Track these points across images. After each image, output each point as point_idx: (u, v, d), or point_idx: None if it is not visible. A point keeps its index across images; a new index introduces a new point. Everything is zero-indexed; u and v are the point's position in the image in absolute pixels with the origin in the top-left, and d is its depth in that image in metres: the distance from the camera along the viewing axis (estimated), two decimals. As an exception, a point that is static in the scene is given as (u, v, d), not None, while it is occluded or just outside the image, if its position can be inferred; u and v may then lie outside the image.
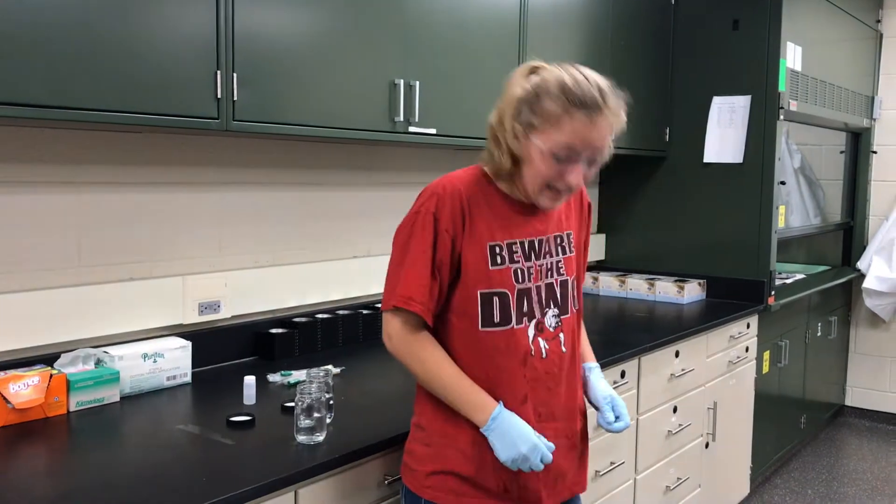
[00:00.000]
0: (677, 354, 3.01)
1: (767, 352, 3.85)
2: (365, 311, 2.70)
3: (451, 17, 2.55)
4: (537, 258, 1.65)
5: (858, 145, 5.01)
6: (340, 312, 2.67)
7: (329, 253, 2.72)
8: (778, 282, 3.80)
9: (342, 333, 2.62)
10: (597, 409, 1.78)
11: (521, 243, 1.63)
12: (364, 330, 2.67)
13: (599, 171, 1.63)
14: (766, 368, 3.84)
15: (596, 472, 2.56)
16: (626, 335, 3.01)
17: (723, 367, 3.40)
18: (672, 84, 3.86)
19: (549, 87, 1.52)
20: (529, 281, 1.63)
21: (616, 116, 1.53)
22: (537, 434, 1.56)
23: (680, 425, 3.05)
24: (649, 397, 2.85)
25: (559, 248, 1.69)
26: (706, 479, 3.31)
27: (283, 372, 2.26)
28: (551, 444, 1.58)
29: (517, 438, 1.53)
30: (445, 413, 1.61)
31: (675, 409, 3.03)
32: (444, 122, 2.51)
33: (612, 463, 2.64)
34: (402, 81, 2.35)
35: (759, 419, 3.79)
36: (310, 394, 1.72)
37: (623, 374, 2.67)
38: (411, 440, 1.69)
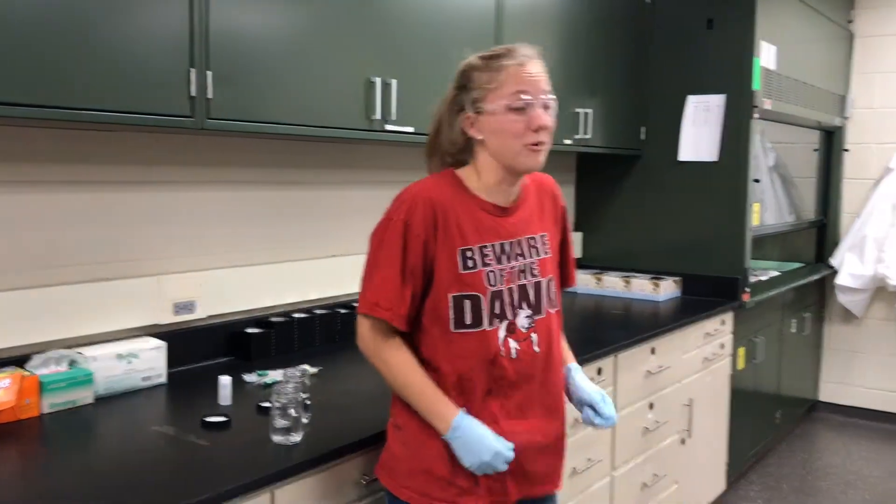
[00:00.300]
0: (653, 351, 3.03)
1: (743, 348, 3.89)
2: (343, 311, 2.69)
3: (428, 16, 2.54)
4: (509, 260, 1.66)
5: (831, 143, 5.07)
6: (318, 312, 2.65)
7: (306, 252, 2.70)
8: (752, 279, 3.84)
9: (319, 333, 2.61)
10: (585, 407, 1.80)
11: (493, 246, 1.64)
12: (342, 329, 2.66)
13: (577, 170, 1.66)
14: (741, 365, 3.88)
15: (573, 469, 2.57)
16: (602, 333, 3.03)
17: (698, 364, 3.42)
18: (647, 83, 3.88)
19: (470, 64, 1.63)
20: (502, 283, 1.64)
21: (540, 58, 1.64)
22: (497, 436, 1.59)
23: (656, 422, 3.07)
24: (626, 394, 2.87)
25: (532, 250, 1.71)
26: (683, 475, 3.34)
27: (259, 372, 2.24)
28: (510, 444, 1.60)
29: (478, 446, 1.56)
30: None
31: (651, 406, 3.05)
32: (421, 120, 2.49)
33: (589, 460, 2.65)
34: (378, 80, 2.35)
35: (735, 415, 3.83)
36: (286, 394, 1.71)
37: (600, 372, 2.68)
38: (389, 440, 1.69)
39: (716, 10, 3.72)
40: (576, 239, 4.12)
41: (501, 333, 1.64)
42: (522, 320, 1.67)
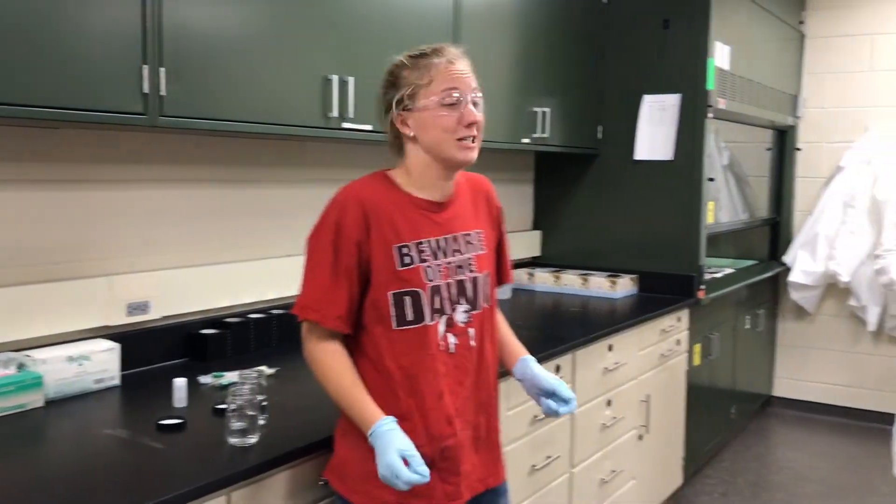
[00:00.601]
0: (610, 348, 3.06)
1: (698, 345, 3.94)
2: (300, 310, 2.66)
3: (386, 14, 2.53)
4: (446, 256, 1.69)
5: (784, 142, 5.17)
6: (275, 312, 2.63)
7: (263, 251, 2.67)
8: (707, 276, 3.90)
9: (276, 333, 2.59)
10: (544, 398, 1.83)
11: (429, 242, 1.67)
12: (299, 330, 2.63)
13: (535, 168, 1.68)
14: (697, 361, 3.93)
15: (532, 466, 2.58)
16: (560, 330, 3.05)
17: (655, 361, 3.46)
18: (604, 82, 3.92)
19: (399, 63, 1.65)
20: (440, 278, 1.67)
21: (467, 57, 1.67)
22: (404, 453, 1.52)
23: (614, 418, 3.10)
24: (584, 391, 2.89)
25: (469, 246, 1.73)
26: (640, 471, 3.38)
27: (214, 373, 2.22)
28: (422, 472, 1.51)
29: (380, 457, 1.53)
30: None
31: (609, 403, 3.08)
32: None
33: (547, 457, 2.66)
34: (335, 77, 2.33)
35: (691, 411, 3.88)
36: (242, 395, 1.69)
37: (558, 369, 2.69)
38: (337, 445, 1.69)
39: (671, 11, 3.76)
40: (535, 237, 4.15)
41: (441, 328, 1.67)
42: (460, 315, 1.70)
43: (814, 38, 5.09)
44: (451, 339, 1.68)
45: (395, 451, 1.52)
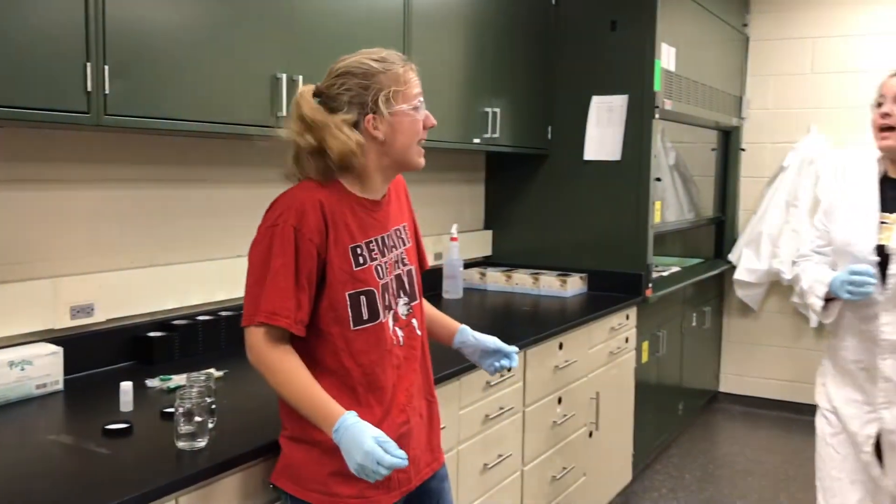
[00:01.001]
0: (561, 347, 3.09)
1: (646, 342, 4.00)
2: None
3: (336, 12, 2.52)
4: (388, 252, 1.73)
5: (728, 143, 5.28)
6: (224, 314, 2.59)
7: (211, 252, 2.64)
8: (655, 275, 3.96)
9: (225, 335, 2.55)
10: (489, 359, 1.98)
11: (376, 240, 1.70)
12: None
13: (486, 168, 1.71)
14: (645, 358, 3.99)
15: (484, 465, 2.60)
16: (512, 329, 3.07)
17: (604, 358, 3.50)
18: (553, 83, 3.95)
19: (367, 68, 1.63)
20: (386, 275, 1.70)
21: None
22: (380, 440, 1.53)
23: (564, 416, 3.13)
24: (535, 389, 2.91)
25: (401, 241, 1.78)
26: (591, 467, 3.41)
27: (162, 377, 2.18)
28: (401, 457, 1.53)
29: (354, 448, 1.52)
30: None
31: (559, 401, 3.10)
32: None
33: (499, 456, 2.68)
34: (284, 76, 2.31)
35: (640, 407, 3.94)
36: (190, 398, 1.67)
37: (509, 368, 2.70)
38: (286, 450, 1.67)
39: (619, 13, 3.81)
40: (486, 237, 4.17)
41: (390, 323, 1.70)
42: (402, 308, 1.75)
43: (757, 40, 5.21)
44: (399, 333, 1.73)
45: (371, 438, 1.52)
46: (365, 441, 1.51)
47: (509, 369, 2.02)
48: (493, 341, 1.98)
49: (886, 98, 2.24)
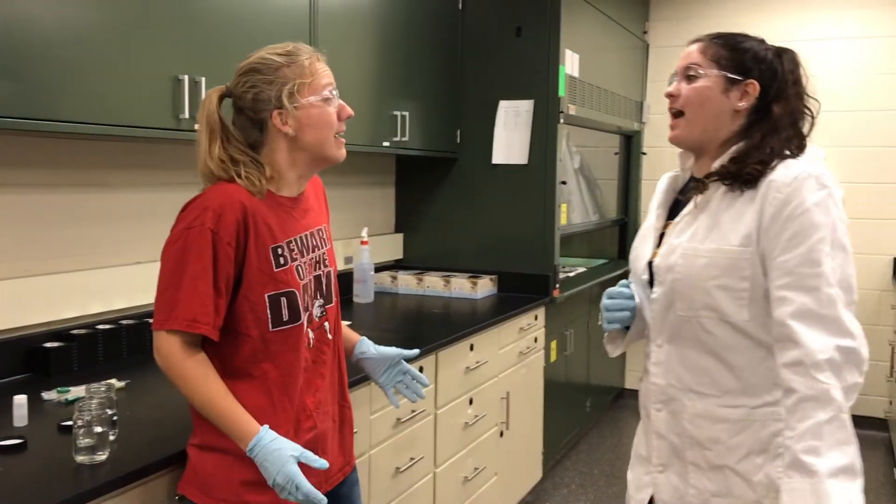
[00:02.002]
0: (472, 348, 3.12)
1: (555, 341, 4.08)
2: (152, 320, 2.55)
3: (239, 12, 2.48)
4: (308, 252, 1.70)
5: (630, 147, 5.44)
6: (124, 322, 2.51)
7: (110, 259, 2.55)
8: (562, 275, 4.04)
9: (126, 345, 2.47)
10: (392, 371, 1.97)
11: (296, 240, 1.67)
12: (151, 340, 2.52)
13: (396, 171, 1.70)
14: (553, 357, 4.07)
15: (396, 469, 2.59)
16: (423, 331, 3.08)
17: (514, 358, 3.55)
18: (462, 87, 3.99)
19: (269, 62, 1.62)
20: (305, 276, 1.68)
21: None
22: (302, 456, 1.53)
23: (476, 416, 3.16)
24: (446, 391, 2.93)
25: (321, 241, 1.77)
26: (502, 466, 3.46)
27: (59, 389, 2.09)
28: (323, 463, 1.56)
29: (273, 467, 1.51)
30: None
31: (471, 402, 3.13)
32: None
33: (411, 459, 2.68)
34: (186, 77, 2.25)
35: (549, 406, 4.01)
36: (90, 410, 1.61)
37: (421, 370, 2.72)
38: (195, 460, 1.63)
39: (524, 19, 3.88)
40: (397, 240, 4.17)
41: (305, 324, 1.68)
42: (316, 310, 1.73)
43: (657, 47, 5.38)
44: (311, 335, 1.70)
45: (292, 459, 1.51)
46: (286, 464, 1.50)
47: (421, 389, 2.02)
48: (390, 351, 1.97)
49: (677, 73, 1.73)
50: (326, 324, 1.75)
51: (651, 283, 1.71)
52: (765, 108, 1.63)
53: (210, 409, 1.55)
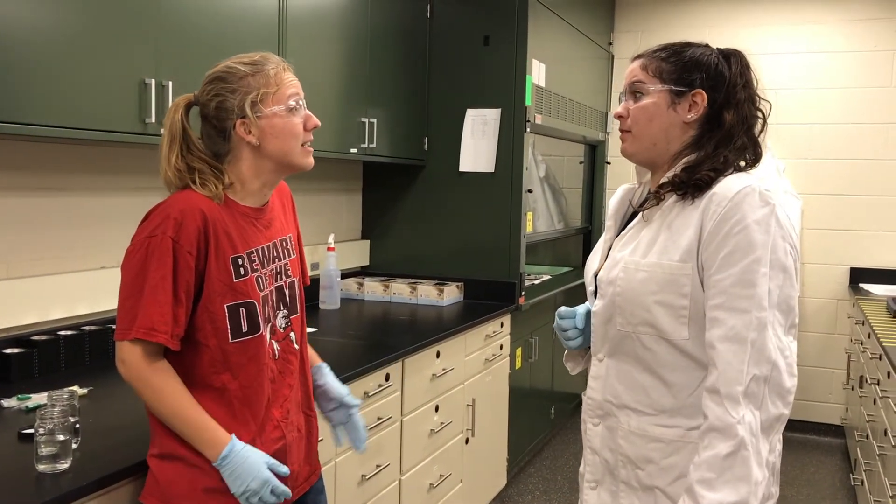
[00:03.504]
0: (438, 355, 3.12)
1: (520, 349, 4.10)
2: (114, 326, 2.52)
3: (207, 17, 2.46)
4: (270, 263, 1.70)
5: (595, 156, 5.50)
6: (87, 328, 2.47)
7: (73, 264, 2.51)
8: (527, 283, 4.07)
9: (89, 351, 2.44)
10: (335, 407, 1.91)
11: (258, 251, 1.67)
12: (115, 346, 2.49)
13: (363, 178, 1.69)
14: (518, 364, 4.09)
15: (362, 476, 2.59)
16: (389, 338, 3.08)
17: (480, 365, 3.57)
18: (429, 95, 4.00)
19: (233, 71, 1.61)
20: (266, 287, 1.68)
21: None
22: (270, 463, 1.59)
23: (442, 423, 3.16)
24: (413, 398, 2.93)
25: (285, 252, 1.76)
26: (467, 473, 3.46)
27: (19, 396, 2.06)
28: (286, 469, 1.62)
29: (247, 474, 1.55)
30: None
31: (437, 408, 3.14)
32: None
33: (377, 466, 2.68)
34: (153, 81, 2.23)
35: (514, 412, 4.03)
36: (52, 418, 1.59)
37: (388, 377, 2.72)
38: (156, 469, 1.61)
39: (491, 28, 3.91)
40: (364, 247, 4.16)
41: (268, 336, 1.67)
42: (280, 321, 1.72)
43: (622, 58, 5.45)
44: (276, 346, 1.70)
45: (265, 465, 1.56)
46: (261, 470, 1.55)
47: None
48: (339, 391, 1.89)
49: (624, 91, 1.69)
50: (292, 334, 1.75)
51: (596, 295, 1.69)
52: (716, 115, 1.58)
53: (175, 419, 1.55)
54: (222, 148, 1.64)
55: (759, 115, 1.62)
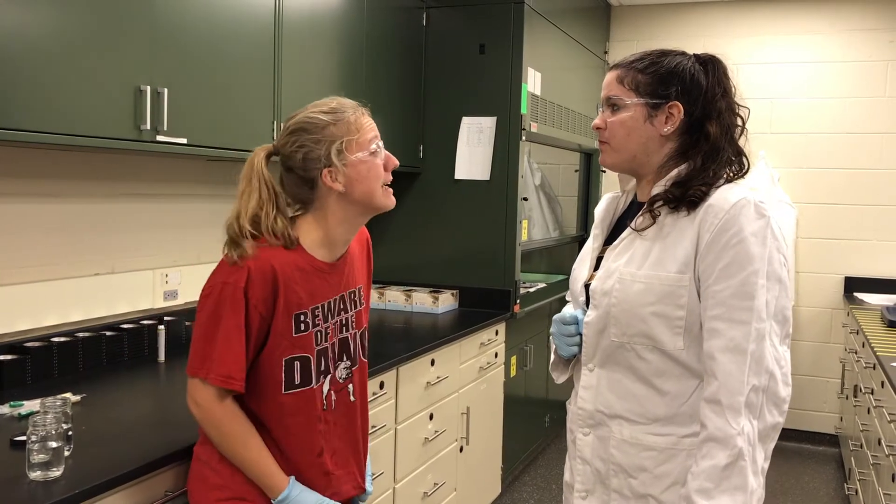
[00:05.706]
0: (433, 363, 3.12)
1: (514, 357, 4.10)
2: (109, 333, 2.51)
3: (203, 23, 2.46)
4: (334, 316, 1.71)
5: (590, 165, 5.50)
6: (81, 335, 2.46)
7: (67, 270, 2.50)
8: (522, 290, 4.07)
9: (83, 358, 2.43)
10: None
11: (323, 306, 1.68)
12: (108, 353, 2.49)
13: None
14: (513, 372, 4.08)
15: (356, 484, 2.58)
16: (384, 346, 3.07)
17: (475, 373, 3.56)
18: (425, 103, 4.01)
19: (315, 121, 1.63)
20: (326, 340, 1.69)
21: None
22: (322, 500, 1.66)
23: (436, 432, 3.16)
24: (407, 406, 2.92)
25: (352, 304, 1.77)
26: (461, 482, 3.45)
27: (12, 403, 2.05)
28: None
29: None
30: None
31: (431, 417, 3.13)
32: (195, 131, 2.41)
33: (371, 474, 2.66)
34: (148, 87, 2.23)
35: (509, 421, 4.02)
36: (45, 425, 1.58)
37: (382, 385, 2.71)
38: (199, 468, 1.66)
39: (487, 36, 3.91)
40: (357, 254, 4.16)
41: (325, 388, 1.69)
42: (341, 371, 1.74)
43: (616, 67, 5.46)
44: (333, 397, 1.71)
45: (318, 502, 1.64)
46: None
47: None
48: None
49: (602, 102, 1.69)
50: (350, 386, 1.77)
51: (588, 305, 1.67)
52: (696, 125, 1.58)
53: (239, 459, 1.61)
54: (308, 196, 1.66)
55: (739, 121, 1.62)
